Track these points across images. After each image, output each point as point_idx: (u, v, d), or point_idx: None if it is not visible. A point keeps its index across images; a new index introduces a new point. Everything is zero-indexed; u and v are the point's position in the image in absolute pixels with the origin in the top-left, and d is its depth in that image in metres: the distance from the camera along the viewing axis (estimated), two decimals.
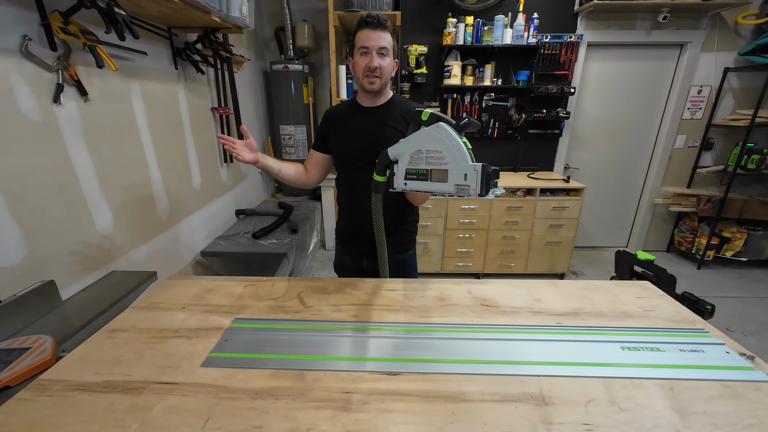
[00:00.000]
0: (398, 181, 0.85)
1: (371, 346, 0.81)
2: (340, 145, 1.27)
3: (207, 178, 2.15)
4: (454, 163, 0.75)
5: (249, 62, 2.68)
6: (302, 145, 3.01)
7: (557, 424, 0.60)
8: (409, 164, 0.81)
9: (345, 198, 1.33)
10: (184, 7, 1.40)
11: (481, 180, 0.71)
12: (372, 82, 1.15)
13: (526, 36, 2.79)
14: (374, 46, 1.11)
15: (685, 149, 3.23)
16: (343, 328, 0.87)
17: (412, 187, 0.82)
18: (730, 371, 0.72)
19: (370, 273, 1.29)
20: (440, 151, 0.76)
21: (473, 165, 0.72)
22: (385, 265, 1.09)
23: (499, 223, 2.85)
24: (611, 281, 1.10)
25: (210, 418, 0.61)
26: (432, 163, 0.78)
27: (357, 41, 1.13)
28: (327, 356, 0.77)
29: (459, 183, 0.74)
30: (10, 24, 1.04)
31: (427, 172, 0.79)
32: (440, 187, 0.77)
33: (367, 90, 1.18)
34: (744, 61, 2.91)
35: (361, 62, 1.13)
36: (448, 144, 0.75)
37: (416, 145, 0.80)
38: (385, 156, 0.88)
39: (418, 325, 0.88)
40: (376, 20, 1.10)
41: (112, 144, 1.42)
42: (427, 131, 0.78)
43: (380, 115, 1.21)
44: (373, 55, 1.12)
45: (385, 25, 1.11)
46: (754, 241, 3.10)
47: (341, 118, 1.27)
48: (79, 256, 1.28)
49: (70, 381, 0.70)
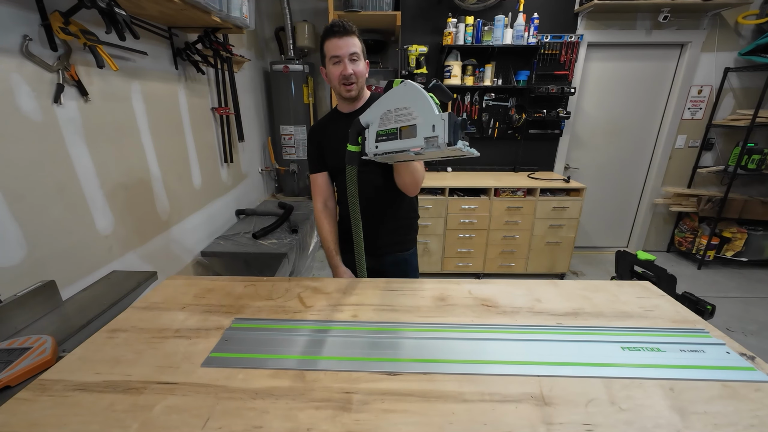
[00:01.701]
0: (369, 145, 0.84)
1: (371, 346, 0.80)
2: (331, 156, 1.28)
3: (207, 178, 2.15)
4: (421, 117, 0.75)
5: (249, 62, 2.68)
6: (302, 145, 3.01)
7: (557, 424, 0.60)
8: (380, 126, 0.82)
9: (342, 199, 1.34)
10: (185, 7, 1.40)
11: (449, 129, 0.71)
12: (349, 89, 1.16)
13: (526, 36, 2.79)
14: (345, 53, 1.11)
15: (685, 149, 3.23)
16: (343, 328, 0.87)
17: (383, 148, 0.82)
18: (731, 371, 0.72)
19: (372, 273, 1.29)
20: (408, 107, 0.76)
21: (440, 115, 0.72)
22: (361, 258, 1.09)
23: (500, 223, 2.85)
24: (611, 281, 1.10)
25: (210, 418, 0.61)
26: (401, 121, 0.78)
27: (327, 51, 1.14)
28: (327, 356, 0.77)
29: (427, 136, 0.74)
30: (11, 24, 1.04)
31: (396, 131, 0.79)
32: (410, 143, 0.77)
33: (345, 97, 1.19)
34: (744, 61, 2.91)
35: (335, 71, 1.14)
36: (415, 98, 0.75)
37: (385, 106, 0.80)
38: (357, 123, 0.88)
39: (418, 325, 0.88)
40: (342, 28, 1.10)
41: (113, 144, 1.42)
42: (395, 90, 0.79)
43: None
44: (345, 62, 1.12)
45: (351, 31, 1.12)
46: (755, 241, 3.09)
47: (325, 131, 1.28)
48: (79, 256, 1.28)
49: (71, 381, 0.70)
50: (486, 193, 2.83)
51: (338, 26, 1.11)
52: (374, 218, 1.27)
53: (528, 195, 2.81)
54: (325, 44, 1.14)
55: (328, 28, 1.12)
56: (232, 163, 2.45)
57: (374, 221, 1.27)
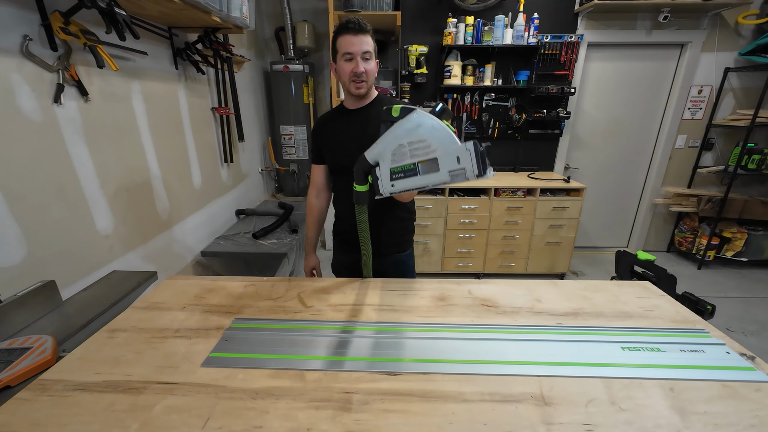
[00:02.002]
0: (384, 185, 0.77)
1: (371, 346, 0.81)
2: (331, 151, 1.28)
3: (207, 178, 2.15)
4: (442, 149, 0.68)
5: (249, 62, 2.68)
6: (302, 145, 3.01)
7: (557, 424, 0.60)
8: (393, 163, 0.74)
9: (341, 201, 1.34)
10: (185, 7, 1.40)
11: (476, 159, 0.66)
12: (359, 87, 1.15)
13: (526, 36, 2.79)
14: (358, 51, 1.10)
15: (685, 149, 3.22)
16: (343, 328, 0.87)
17: (401, 186, 0.75)
18: (731, 371, 0.72)
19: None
20: (424, 140, 0.70)
21: (464, 145, 0.67)
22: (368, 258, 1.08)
23: (500, 223, 2.85)
24: (611, 281, 1.10)
25: (210, 418, 0.61)
26: (418, 155, 0.71)
27: (340, 47, 1.13)
28: (327, 356, 0.77)
29: (452, 168, 0.68)
30: (11, 24, 1.04)
31: (414, 166, 0.72)
32: (433, 178, 0.71)
33: (354, 95, 1.19)
34: (744, 61, 2.91)
35: (346, 68, 1.13)
36: (430, 129, 0.69)
37: (396, 141, 0.73)
38: (363, 161, 0.79)
39: (418, 325, 0.88)
40: (357, 25, 1.10)
41: (113, 144, 1.42)
42: (404, 122, 0.72)
43: (365, 116, 1.22)
44: (358, 60, 1.11)
45: (366, 29, 1.11)
46: (755, 241, 3.09)
47: (329, 126, 1.28)
48: (79, 256, 1.28)
49: (71, 381, 0.70)
50: (486, 193, 2.83)
51: (354, 23, 1.10)
52: (371, 220, 1.27)
53: (528, 195, 2.81)
54: (338, 40, 1.13)
55: (343, 24, 1.11)
56: (232, 163, 2.45)
57: (371, 223, 1.27)
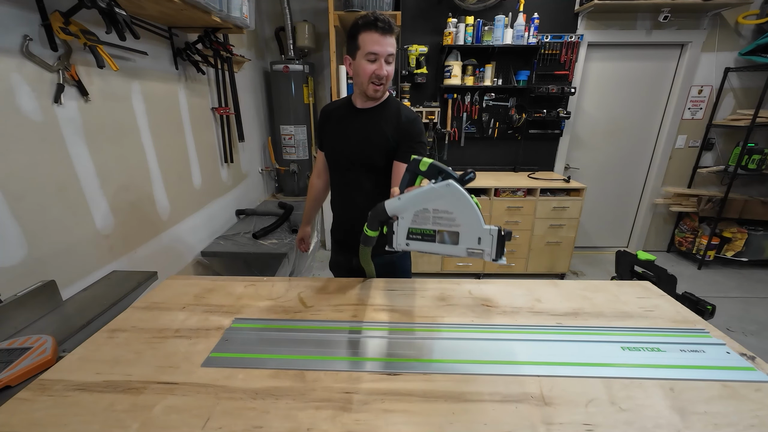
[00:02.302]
0: (399, 241, 0.76)
1: (371, 346, 0.81)
2: (332, 144, 1.26)
3: (207, 178, 2.15)
4: (466, 226, 0.69)
5: (249, 62, 2.68)
6: (302, 146, 3.01)
7: (558, 424, 0.60)
8: (413, 223, 0.74)
9: (337, 199, 1.33)
10: (185, 7, 1.40)
11: (497, 244, 0.68)
12: (377, 89, 1.11)
13: (526, 36, 2.79)
14: (384, 53, 1.04)
15: (685, 149, 3.22)
16: (343, 328, 0.87)
17: (415, 247, 0.75)
18: (731, 371, 0.72)
19: (360, 273, 1.28)
20: (450, 212, 0.70)
21: (489, 229, 0.68)
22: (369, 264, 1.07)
23: (500, 223, 2.83)
24: (612, 281, 1.10)
25: (210, 418, 0.61)
26: (441, 224, 0.71)
27: (363, 44, 1.05)
28: (327, 356, 0.77)
29: (471, 247, 0.70)
30: (11, 24, 1.04)
31: (434, 233, 0.72)
32: (449, 249, 0.72)
33: (371, 96, 1.14)
34: (745, 61, 2.91)
35: (368, 68, 1.07)
36: (460, 206, 0.69)
37: (422, 203, 0.72)
38: (382, 211, 0.78)
39: (418, 325, 0.88)
40: (388, 24, 1.02)
41: (113, 144, 1.42)
42: (436, 190, 0.70)
43: (372, 118, 1.19)
44: (381, 62, 1.05)
45: (395, 30, 1.05)
46: (755, 241, 3.09)
47: (336, 118, 1.25)
48: (79, 256, 1.28)
49: (71, 381, 0.70)
50: (486, 193, 2.83)
51: (384, 22, 1.01)
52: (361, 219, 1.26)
53: (528, 195, 2.81)
54: (362, 35, 1.04)
55: (371, 20, 1.02)
56: (232, 163, 2.45)
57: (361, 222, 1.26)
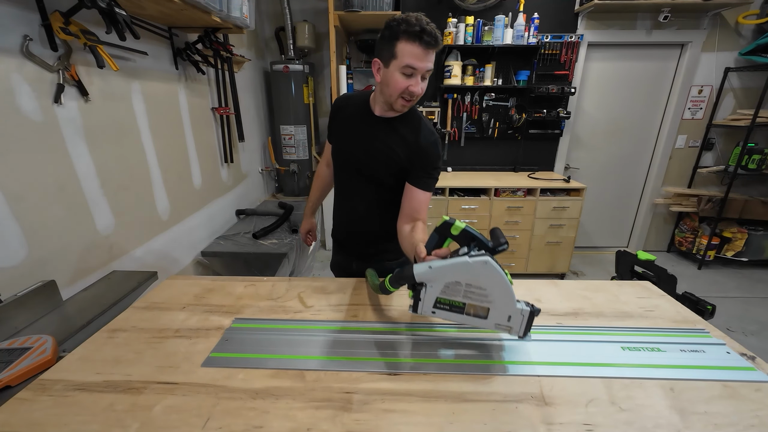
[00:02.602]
0: (425, 308, 0.73)
1: (372, 346, 0.81)
2: (339, 144, 1.20)
3: (207, 178, 2.15)
4: (499, 303, 0.69)
5: (249, 62, 2.68)
6: (302, 146, 3.01)
7: (558, 424, 0.60)
8: (442, 294, 0.71)
9: (339, 201, 1.29)
10: (185, 7, 1.40)
11: (526, 323, 0.69)
12: (405, 105, 1.00)
13: (526, 36, 2.79)
14: (423, 68, 0.93)
15: (685, 149, 3.22)
16: (343, 328, 0.87)
17: (442, 316, 0.74)
18: (731, 371, 0.72)
19: (359, 275, 1.27)
20: (484, 289, 0.69)
21: (521, 309, 0.68)
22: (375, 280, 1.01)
23: (500, 223, 2.84)
24: (612, 281, 1.10)
25: (210, 417, 0.61)
26: (472, 299, 0.70)
27: (401, 55, 0.91)
28: (327, 356, 0.77)
29: (500, 323, 0.70)
30: (11, 24, 1.04)
31: (463, 305, 0.71)
32: (476, 322, 0.72)
33: (397, 110, 1.04)
34: (745, 61, 2.90)
35: (401, 83, 0.94)
36: (495, 284, 0.68)
37: (455, 276, 0.70)
38: (409, 276, 0.73)
39: (418, 325, 0.88)
40: (434, 39, 0.90)
41: (113, 144, 1.42)
42: (472, 266, 0.68)
43: (388, 131, 1.08)
44: (418, 79, 0.94)
45: (439, 45, 0.92)
46: (755, 241, 3.09)
47: (348, 116, 1.17)
48: (79, 256, 1.28)
49: (71, 381, 0.70)
50: (486, 193, 2.83)
51: (431, 36, 0.89)
52: (360, 226, 1.24)
53: (528, 195, 2.81)
54: (401, 44, 0.91)
55: (416, 30, 0.88)
56: (233, 163, 2.45)
57: (360, 229, 1.24)
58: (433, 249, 0.75)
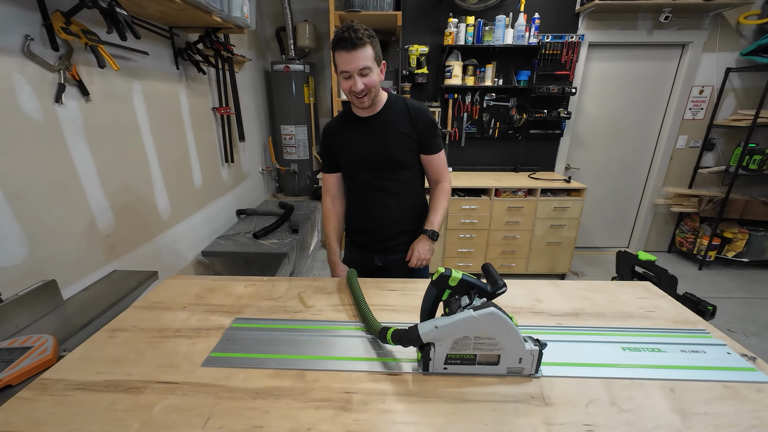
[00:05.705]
0: (435, 366, 0.73)
1: (371, 346, 0.81)
2: (346, 159, 1.26)
3: (208, 178, 2.15)
4: (509, 349, 0.70)
5: (250, 62, 2.69)
6: (303, 145, 3.01)
7: (558, 424, 0.60)
8: (452, 350, 0.71)
9: (355, 199, 1.32)
10: (186, 7, 1.40)
11: (537, 361, 0.70)
12: (362, 101, 1.11)
13: (527, 36, 2.79)
14: (354, 69, 1.03)
15: (686, 149, 3.22)
16: (343, 328, 0.87)
17: (454, 370, 0.73)
18: (732, 372, 0.72)
19: (380, 271, 1.28)
20: (493, 338, 0.69)
21: (530, 350, 0.69)
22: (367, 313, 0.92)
23: (500, 223, 2.84)
24: (612, 282, 1.10)
25: (211, 417, 0.61)
26: (482, 349, 0.71)
27: (337, 63, 1.06)
28: (327, 356, 0.77)
29: (512, 366, 0.71)
30: (12, 24, 1.04)
31: (474, 357, 0.72)
32: (488, 370, 0.72)
33: (361, 108, 1.15)
34: (746, 62, 2.90)
35: (345, 85, 1.08)
36: (503, 331, 0.69)
37: (462, 332, 0.70)
38: (415, 337, 0.71)
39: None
40: (350, 41, 0.99)
41: (114, 144, 1.42)
42: (479, 321, 0.68)
43: (384, 121, 1.19)
44: (355, 78, 1.04)
45: (360, 43, 1.00)
46: (756, 241, 3.08)
47: (340, 133, 1.24)
48: (80, 256, 1.28)
49: (72, 380, 0.70)
50: (487, 193, 2.82)
51: (346, 40, 1.00)
52: (391, 218, 1.26)
53: (529, 195, 2.80)
54: (334, 54, 1.05)
55: (335, 39, 1.02)
56: (233, 163, 2.45)
57: (391, 221, 1.27)
58: (432, 303, 0.76)
